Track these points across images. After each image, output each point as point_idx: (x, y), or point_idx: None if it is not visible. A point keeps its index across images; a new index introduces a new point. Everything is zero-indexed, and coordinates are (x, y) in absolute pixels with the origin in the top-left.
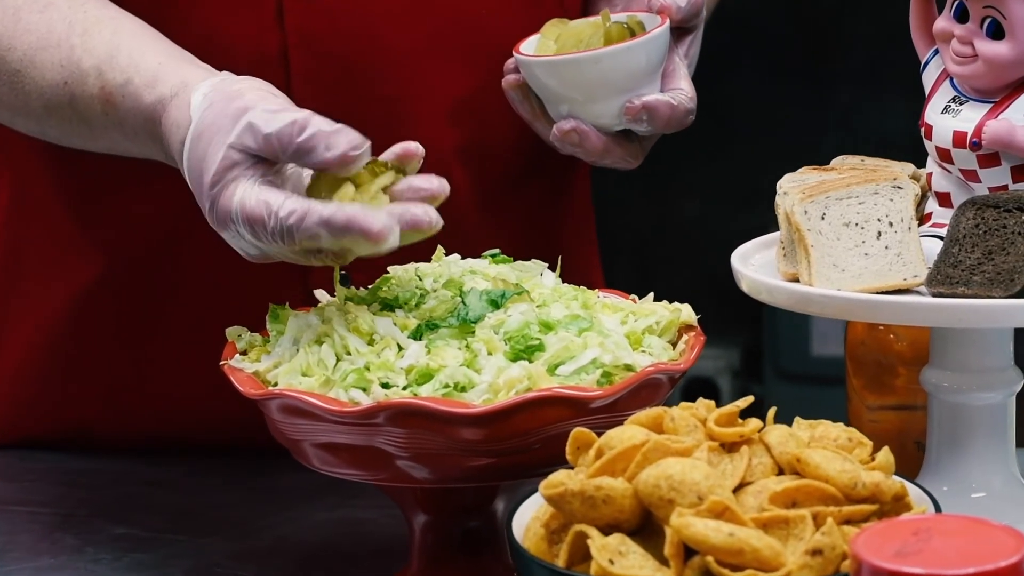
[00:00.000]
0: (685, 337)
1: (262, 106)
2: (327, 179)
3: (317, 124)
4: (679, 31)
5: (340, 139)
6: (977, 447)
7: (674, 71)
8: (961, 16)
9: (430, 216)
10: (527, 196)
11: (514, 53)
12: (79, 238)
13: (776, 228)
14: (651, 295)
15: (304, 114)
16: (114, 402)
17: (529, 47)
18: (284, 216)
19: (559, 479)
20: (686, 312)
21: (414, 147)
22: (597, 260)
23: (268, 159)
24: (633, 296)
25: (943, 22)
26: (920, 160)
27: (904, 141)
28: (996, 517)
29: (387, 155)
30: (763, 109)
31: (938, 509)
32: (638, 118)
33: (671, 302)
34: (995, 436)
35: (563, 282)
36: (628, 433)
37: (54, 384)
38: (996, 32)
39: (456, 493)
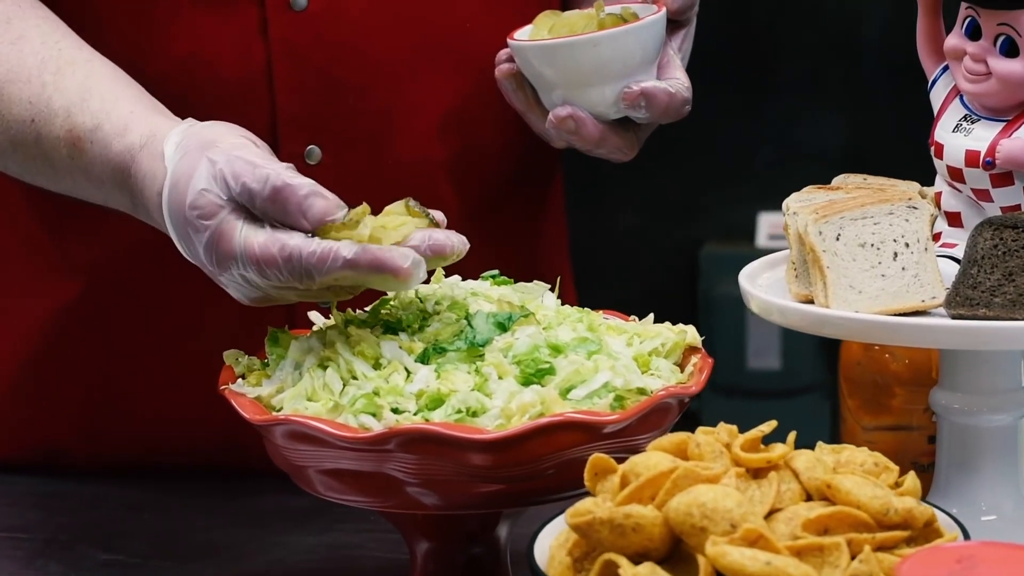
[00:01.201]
0: (693, 359)
1: (237, 157)
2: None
3: (289, 188)
4: (673, 25)
5: (315, 205)
6: (987, 469)
7: (669, 63)
8: (973, 33)
9: (452, 241)
10: (510, 209)
11: (508, 40)
12: (57, 256)
13: (721, 243)
14: (651, 316)
15: (276, 175)
16: (90, 423)
17: (523, 36)
18: (304, 256)
19: (586, 507)
20: (691, 334)
21: (441, 217)
22: (571, 274)
23: (248, 206)
24: (633, 317)
25: (955, 39)
26: (866, 173)
27: (840, 153)
28: (1007, 540)
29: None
30: (699, 120)
31: (966, 535)
32: (636, 104)
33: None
34: (1005, 458)
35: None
36: (653, 460)
37: (29, 404)
38: (1010, 50)
39: (460, 519)
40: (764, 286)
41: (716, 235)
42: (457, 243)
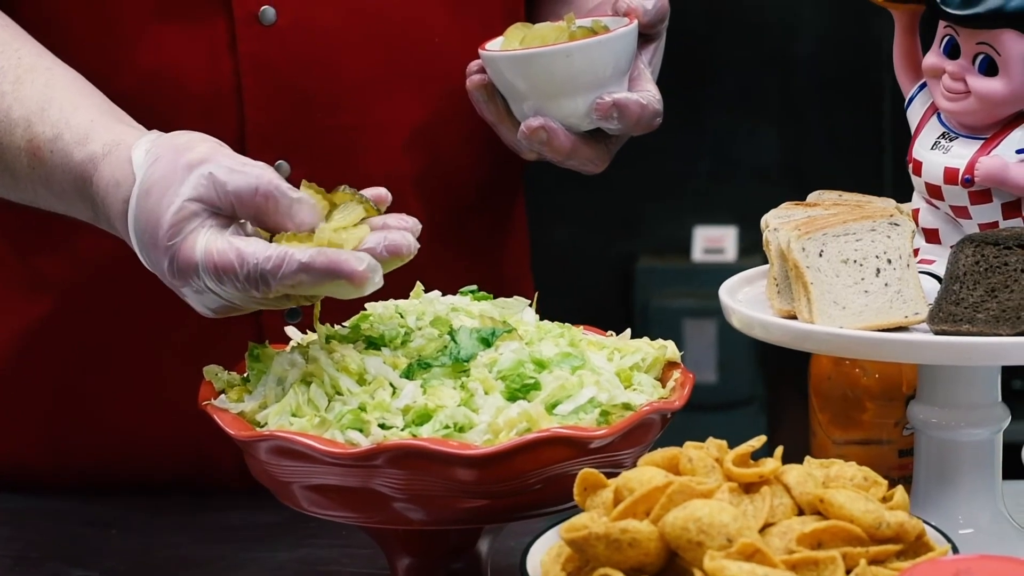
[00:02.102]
0: (675, 375)
1: (221, 159)
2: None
3: (280, 189)
4: (643, 38)
5: (303, 211)
6: (964, 483)
7: (639, 75)
8: (952, 52)
9: (408, 240)
10: (476, 224)
11: (480, 51)
12: (22, 272)
13: (657, 257)
14: (628, 331)
15: (268, 175)
16: (56, 440)
17: (494, 47)
18: (259, 262)
19: (582, 522)
20: (671, 349)
21: (385, 194)
22: (533, 288)
23: (225, 213)
24: (611, 332)
25: (933, 58)
26: (801, 187)
27: (776, 167)
28: (983, 553)
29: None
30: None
31: (955, 549)
32: (608, 115)
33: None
34: (982, 472)
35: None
36: (647, 475)
37: None
38: (989, 68)
39: (442, 534)
40: (744, 301)
41: (652, 248)
42: (412, 241)
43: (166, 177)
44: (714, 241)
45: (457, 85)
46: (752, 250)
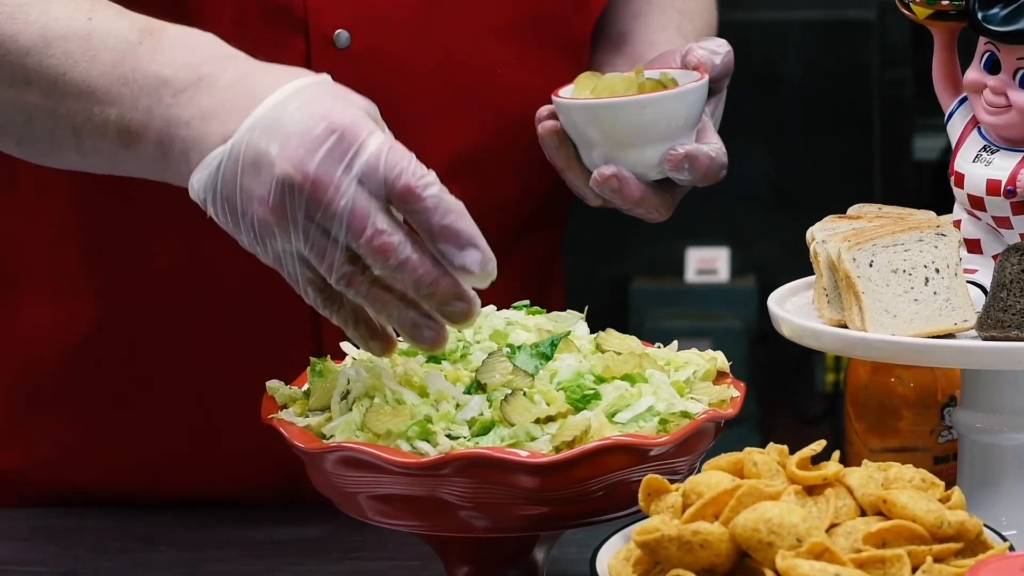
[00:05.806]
0: (727, 384)
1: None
2: None
3: (457, 209)
4: (707, 92)
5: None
6: (1007, 485)
7: (705, 128)
8: (992, 67)
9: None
10: (522, 253)
11: (553, 98)
12: (81, 279)
13: (651, 278)
14: (675, 343)
15: (439, 186)
16: (103, 456)
17: (565, 95)
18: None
19: (654, 525)
20: (720, 360)
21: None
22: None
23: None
24: (658, 344)
25: (974, 74)
26: (789, 208)
27: (765, 190)
28: None
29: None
30: None
31: (1011, 547)
32: (680, 167)
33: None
34: None
35: None
36: (714, 479)
37: (38, 436)
38: None
39: (500, 542)
40: (792, 311)
41: (645, 270)
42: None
43: (345, 110)
44: (707, 262)
45: (513, 118)
46: (744, 270)
